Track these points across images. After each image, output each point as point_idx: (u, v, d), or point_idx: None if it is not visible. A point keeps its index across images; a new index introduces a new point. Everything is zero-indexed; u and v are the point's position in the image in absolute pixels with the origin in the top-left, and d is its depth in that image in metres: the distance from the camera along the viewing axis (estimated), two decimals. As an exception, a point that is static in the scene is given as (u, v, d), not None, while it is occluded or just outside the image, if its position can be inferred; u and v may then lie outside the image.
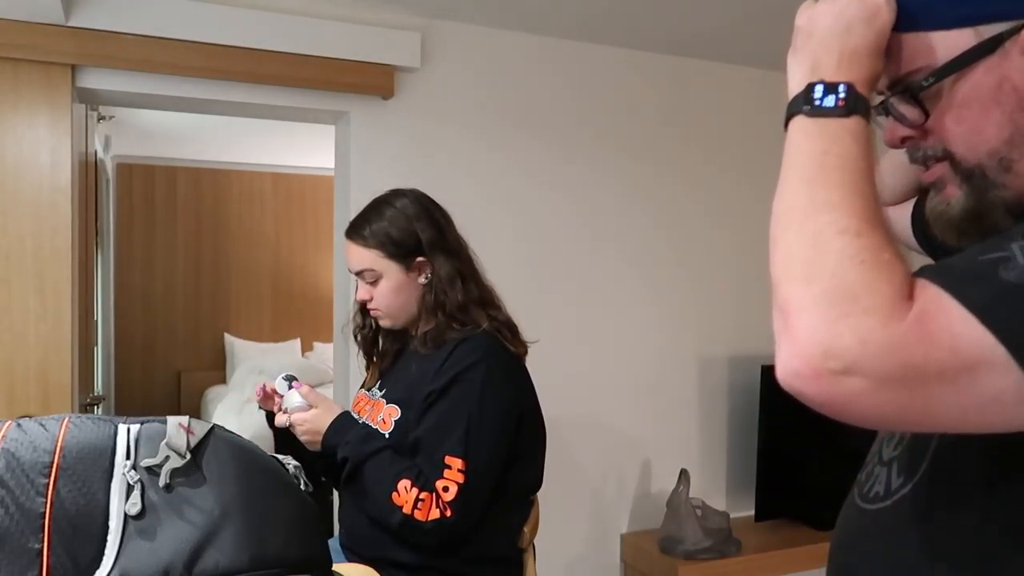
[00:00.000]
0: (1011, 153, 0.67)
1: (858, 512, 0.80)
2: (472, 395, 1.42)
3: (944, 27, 0.67)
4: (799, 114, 0.67)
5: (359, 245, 1.53)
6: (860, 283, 0.57)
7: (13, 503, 0.73)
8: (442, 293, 1.50)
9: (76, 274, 2.20)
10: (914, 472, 0.73)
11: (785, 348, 0.59)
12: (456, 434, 1.39)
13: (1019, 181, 0.67)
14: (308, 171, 5.61)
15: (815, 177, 0.63)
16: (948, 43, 0.67)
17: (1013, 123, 0.67)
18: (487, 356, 1.45)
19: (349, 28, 2.38)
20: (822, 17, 0.70)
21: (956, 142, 0.69)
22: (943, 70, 0.67)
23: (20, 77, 2.09)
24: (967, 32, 0.67)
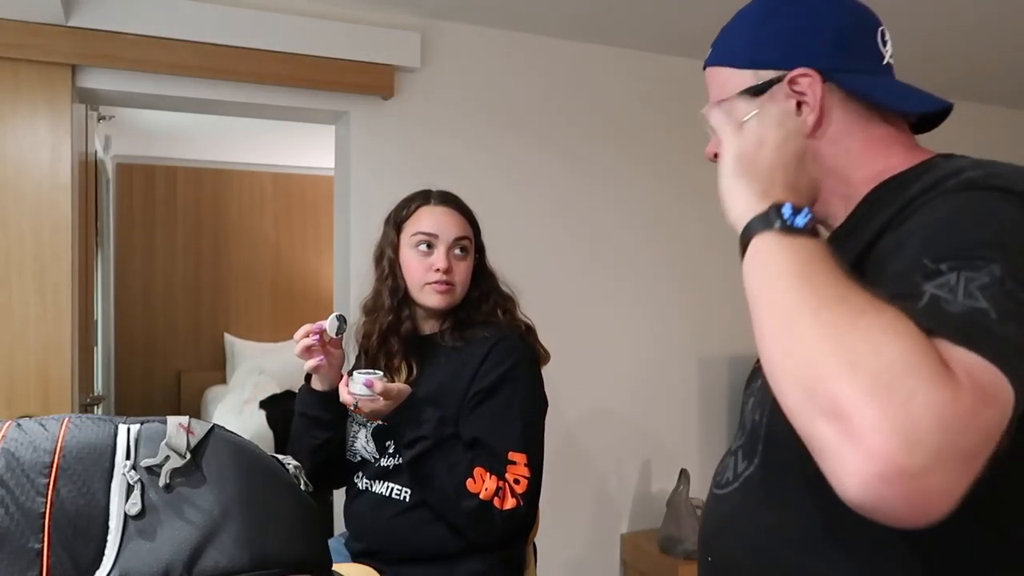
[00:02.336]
0: None
1: (713, 499, 0.90)
2: (524, 393, 1.47)
3: (737, 66, 0.87)
4: (768, 231, 0.69)
5: (463, 215, 1.57)
6: (908, 353, 0.54)
7: (13, 503, 0.73)
8: (487, 287, 1.59)
9: (76, 274, 2.20)
10: (754, 455, 0.84)
11: (853, 456, 0.52)
12: (516, 430, 1.43)
13: None
14: (308, 171, 5.61)
15: (807, 279, 0.63)
16: (738, 80, 0.87)
17: None
18: (527, 356, 1.52)
19: (349, 28, 2.38)
20: (765, 144, 0.75)
21: None
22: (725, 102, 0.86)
23: (20, 77, 2.09)
24: (750, 74, 0.86)
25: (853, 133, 0.84)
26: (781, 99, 0.83)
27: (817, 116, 0.82)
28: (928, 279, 0.61)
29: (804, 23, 0.84)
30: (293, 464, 0.88)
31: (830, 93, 0.83)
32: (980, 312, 0.58)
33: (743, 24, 0.89)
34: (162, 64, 2.18)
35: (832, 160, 0.84)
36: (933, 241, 0.65)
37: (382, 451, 1.52)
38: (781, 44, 0.84)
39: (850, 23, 0.85)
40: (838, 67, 0.83)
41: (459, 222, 1.55)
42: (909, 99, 0.84)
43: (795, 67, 0.83)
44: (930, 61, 2.99)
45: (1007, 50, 2.89)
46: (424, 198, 1.57)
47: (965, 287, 0.59)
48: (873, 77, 0.85)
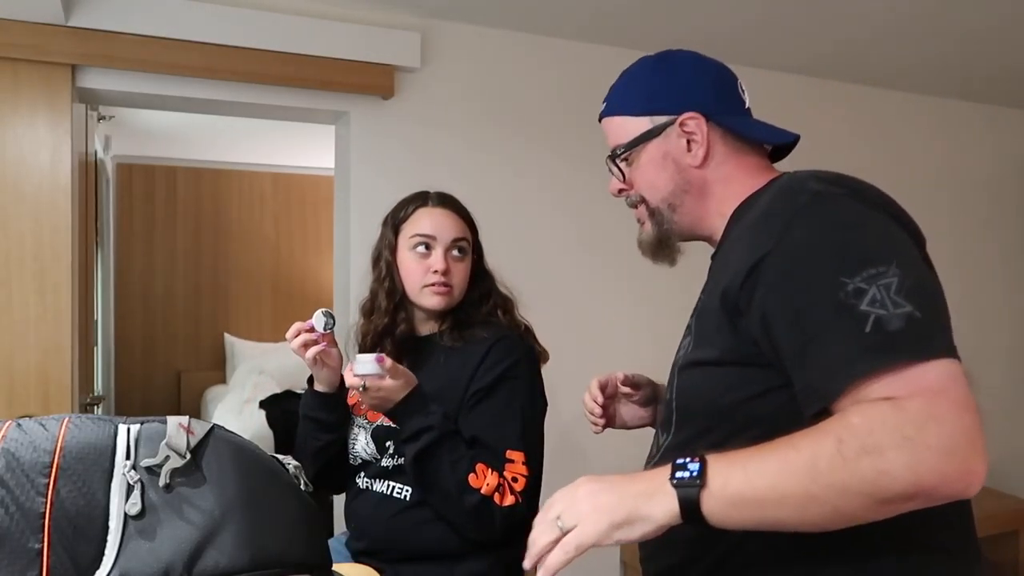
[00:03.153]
0: (675, 200, 1.06)
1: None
2: (523, 392, 1.47)
3: (633, 114, 1.07)
4: (700, 490, 0.77)
5: (460, 217, 1.56)
6: (877, 432, 0.71)
7: (13, 503, 0.73)
8: (486, 288, 1.59)
9: (76, 274, 2.19)
10: (670, 426, 0.99)
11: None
12: (514, 429, 1.43)
13: (684, 219, 1.07)
14: (308, 171, 5.60)
15: (771, 481, 0.74)
16: (636, 126, 1.06)
17: (674, 181, 1.06)
18: (526, 355, 1.51)
19: (349, 28, 2.38)
20: (589, 498, 0.86)
21: (644, 192, 1.09)
22: (628, 146, 1.07)
23: (20, 77, 2.09)
24: (647, 120, 1.06)
25: (729, 162, 1.04)
26: (674, 138, 1.04)
27: (705, 150, 1.03)
28: (859, 298, 0.76)
29: (688, 77, 1.05)
30: (293, 464, 0.88)
31: (712, 131, 1.03)
32: (911, 319, 0.75)
33: (633, 80, 1.09)
34: (162, 64, 2.18)
35: (715, 185, 1.04)
36: (832, 258, 0.80)
37: (382, 451, 1.52)
38: (670, 94, 1.05)
39: (721, 77, 1.07)
40: (718, 111, 1.04)
41: (457, 223, 1.55)
42: (769, 133, 1.06)
43: (684, 112, 1.03)
44: (946, 64, 2.99)
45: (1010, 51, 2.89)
46: (422, 199, 1.57)
47: (889, 297, 0.76)
48: (742, 117, 1.07)
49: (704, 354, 0.93)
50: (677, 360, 1.02)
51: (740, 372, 0.88)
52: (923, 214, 2.89)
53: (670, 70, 1.07)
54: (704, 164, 1.03)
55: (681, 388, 0.97)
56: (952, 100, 3.51)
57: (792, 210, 0.85)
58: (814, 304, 0.79)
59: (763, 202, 0.93)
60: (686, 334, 1.03)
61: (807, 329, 0.79)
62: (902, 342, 0.74)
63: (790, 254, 0.82)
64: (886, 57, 2.97)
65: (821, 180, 0.87)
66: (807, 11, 2.51)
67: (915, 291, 0.77)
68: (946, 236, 3.52)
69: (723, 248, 1.04)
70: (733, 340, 0.88)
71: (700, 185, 1.04)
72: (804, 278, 0.80)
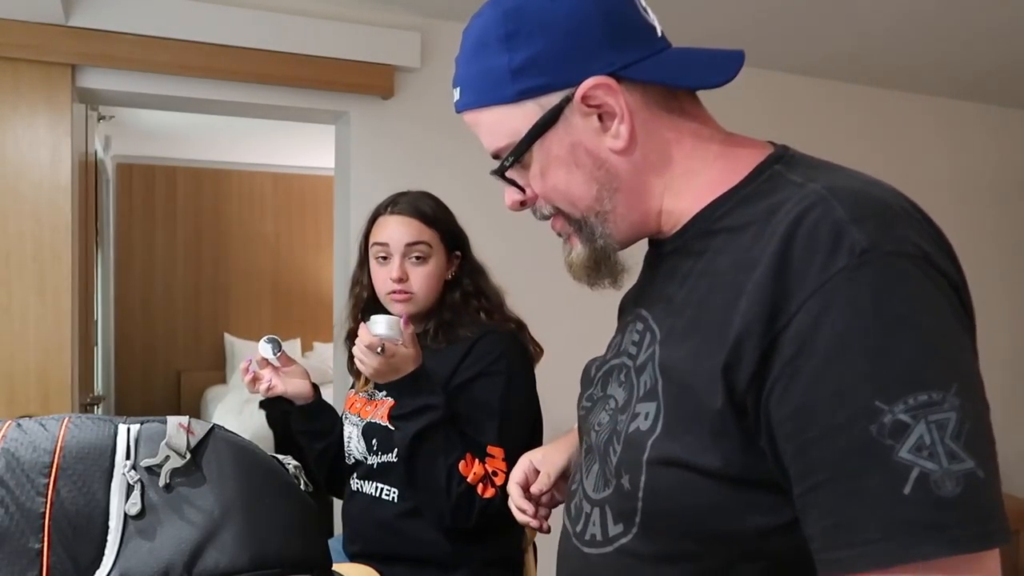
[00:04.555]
0: (604, 206, 0.75)
1: (579, 555, 0.79)
2: (503, 387, 1.45)
3: (508, 101, 0.73)
4: None
5: (419, 220, 1.52)
6: None
7: (13, 503, 0.73)
8: (471, 287, 1.57)
9: (76, 274, 2.19)
10: (631, 523, 0.72)
11: None
12: (493, 425, 1.42)
13: (622, 227, 0.76)
14: (308, 171, 5.61)
15: None
16: (519, 118, 0.73)
17: (595, 179, 0.74)
18: (511, 351, 1.49)
19: (349, 28, 2.38)
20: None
21: (558, 202, 0.77)
22: (518, 149, 0.74)
23: (20, 77, 2.09)
24: (531, 105, 0.72)
25: (664, 135, 0.74)
26: (578, 119, 0.72)
27: (628, 124, 0.71)
28: (897, 438, 0.55)
29: (562, 29, 0.70)
30: (293, 464, 0.87)
31: (629, 95, 0.71)
32: (972, 481, 0.54)
33: (485, 50, 0.73)
34: (162, 64, 2.18)
35: (650, 171, 0.74)
36: (870, 368, 0.56)
37: (369, 450, 1.52)
38: (549, 61, 0.70)
39: (607, 10, 0.71)
40: (625, 62, 0.71)
41: (414, 228, 1.51)
42: (715, 68, 0.73)
43: (580, 80, 0.70)
44: (948, 63, 3.00)
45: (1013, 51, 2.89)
46: (384, 207, 1.57)
47: (942, 442, 0.54)
48: (659, 57, 0.73)
49: (691, 454, 0.66)
50: (632, 430, 0.72)
51: (755, 495, 0.64)
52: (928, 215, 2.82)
53: (533, 22, 0.71)
54: (631, 146, 0.72)
55: (654, 490, 0.69)
56: (957, 101, 3.51)
57: (821, 277, 0.59)
58: (832, 433, 0.57)
59: (768, 221, 0.65)
60: (642, 396, 0.73)
61: (817, 468, 0.58)
62: (958, 521, 0.54)
63: (809, 351, 0.58)
64: (891, 58, 2.97)
65: (864, 223, 0.59)
66: (811, 11, 2.51)
67: (976, 434, 0.56)
68: (950, 236, 3.52)
69: (686, 268, 0.74)
70: (745, 455, 0.64)
71: (631, 177, 0.74)
72: (822, 392, 0.58)
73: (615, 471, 0.73)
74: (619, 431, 0.74)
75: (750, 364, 0.61)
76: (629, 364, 0.78)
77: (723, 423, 0.64)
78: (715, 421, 0.64)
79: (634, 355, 0.78)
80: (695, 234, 0.74)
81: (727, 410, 0.63)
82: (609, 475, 0.75)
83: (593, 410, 0.84)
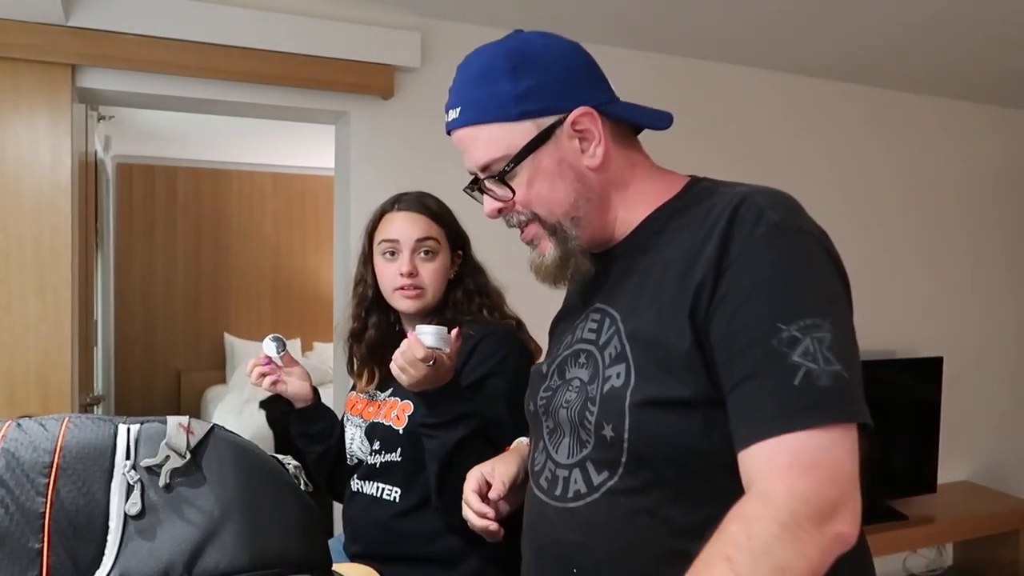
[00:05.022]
0: (578, 212, 0.93)
1: (561, 512, 0.93)
2: (510, 388, 1.44)
3: (510, 120, 0.91)
4: None
5: (427, 216, 1.54)
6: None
7: (13, 503, 0.73)
8: (472, 286, 1.57)
9: (76, 274, 2.19)
10: (616, 466, 0.88)
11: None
12: (507, 426, 1.41)
13: (588, 231, 0.95)
14: (308, 171, 5.61)
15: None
16: (517, 134, 0.91)
17: (575, 191, 0.93)
18: (515, 350, 1.50)
19: (349, 28, 2.38)
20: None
21: (538, 208, 0.94)
22: (516, 157, 0.91)
23: (20, 77, 2.09)
24: (529, 124, 0.91)
25: (623, 160, 0.96)
26: (565, 140, 0.91)
27: (604, 147, 0.92)
28: (792, 347, 0.77)
29: (560, 69, 0.92)
30: (293, 464, 0.88)
31: (604, 126, 0.92)
32: (839, 378, 0.77)
33: (489, 78, 0.92)
34: (162, 64, 2.18)
35: (614, 187, 0.95)
36: (776, 301, 0.80)
37: (372, 450, 1.52)
38: (547, 91, 0.91)
39: (588, 60, 0.95)
40: (604, 100, 0.93)
41: (422, 224, 1.53)
42: (657, 117, 0.96)
43: (571, 108, 0.90)
44: (910, 56, 2.99)
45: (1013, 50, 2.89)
46: (389, 205, 1.57)
47: (821, 352, 0.77)
48: (621, 103, 0.96)
49: (667, 391, 0.84)
50: (607, 390, 0.89)
51: (717, 413, 0.83)
52: (932, 214, 2.91)
53: (535, 62, 0.92)
54: (605, 165, 0.93)
55: (638, 431, 0.86)
56: (960, 102, 3.51)
57: (748, 240, 0.82)
58: (749, 346, 0.79)
59: (707, 217, 0.87)
60: (608, 363, 0.90)
61: (736, 372, 0.80)
62: (829, 403, 0.76)
63: (738, 289, 0.81)
64: (898, 60, 2.96)
65: (776, 209, 0.85)
66: (817, 13, 2.51)
67: (843, 349, 0.78)
68: (954, 236, 3.52)
69: (639, 262, 0.94)
70: (708, 381, 0.83)
71: (600, 190, 0.94)
72: (744, 317, 0.80)
73: (595, 427, 0.89)
74: (592, 396, 0.91)
75: (704, 306, 0.83)
76: (589, 348, 0.95)
77: (690, 359, 0.83)
78: (684, 359, 0.83)
79: (593, 340, 0.95)
80: (646, 235, 0.95)
81: (693, 348, 0.83)
82: (585, 436, 0.91)
83: (555, 395, 0.98)
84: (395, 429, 1.48)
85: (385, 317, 1.60)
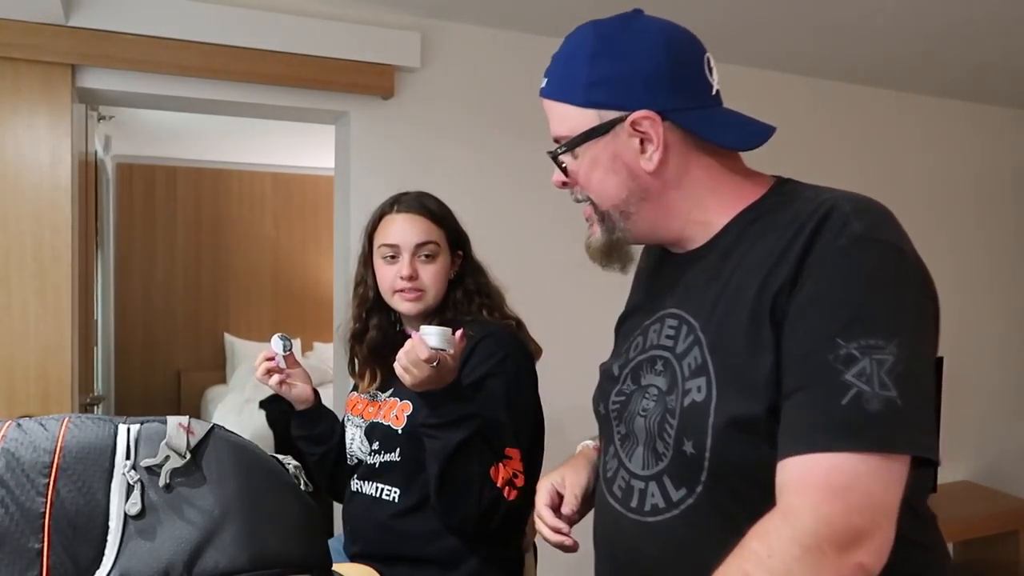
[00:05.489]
0: (629, 208, 0.93)
1: (639, 526, 0.92)
2: (511, 387, 1.45)
3: (578, 104, 0.92)
4: None
5: (426, 218, 1.53)
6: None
7: (13, 503, 0.73)
8: (472, 286, 1.57)
9: (76, 274, 2.19)
10: (695, 483, 0.86)
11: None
12: (507, 427, 1.42)
13: (641, 227, 0.95)
14: (308, 171, 5.61)
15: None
16: (581, 119, 0.92)
17: (627, 187, 0.92)
18: (515, 350, 1.49)
19: (349, 28, 2.38)
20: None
21: (591, 194, 0.95)
22: (571, 143, 0.93)
23: (20, 77, 2.09)
24: (593, 113, 0.91)
25: (696, 165, 0.92)
26: (624, 138, 0.90)
27: (661, 153, 0.89)
28: (847, 366, 0.75)
29: (638, 64, 0.89)
30: (293, 464, 0.88)
31: (670, 131, 0.89)
32: (892, 405, 0.74)
33: (574, 60, 0.93)
34: (162, 64, 2.18)
35: (678, 192, 0.92)
36: (840, 315, 0.77)
37: (371, 450, 1.52)
38: (618, 85, 0.89)
39: (680, 60, 0.90)
40: (675, 107, 0.89)
41: (422, 227, 1.52)
42: (737, 135, 0.92)
43: (635, 108, 0.88)
44: (931, 60, 2.99)
45: (1011, 49, 2.88)
46: (389, 206, 1.57)
47: (878, 375, 0.74)
48: (705, 111, 0.91)
49: (750, 409, 0.82)
50: (687, 404, 0.87)
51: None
52: (913, 213, 2.92)
53: (619, 53, 0.90)
54: (660, 170, 0.91)
55: (719, 449, 0.84)
56: (937, 98, 3.51)
57: (827, 250, 0.80)
58: (805, 357, 0.77)
59: (791, 224, 0.84)
60: (688, 375, 0.88)
61: (790, 382, 0.79)
62: (873, 429, 0.73)
63: (807, 299, 0.79)
64: (872, 55, 2.96)
65: (862, 219, 0.81)
66: (791, 8, 2.50)
67: (906, 377, 0.75)
68: (937, 235, 3.52)
69: (720, 267, 0.91)
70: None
71: (659, 192, 0.92)
72: (807, 328, 0.78)
73: (674, 442, 0.87)
74: (672, 409, 0.88)
75: (780, 316, 0.81)
76: (666, 355, 0.92)
77: (772, 373, 0.80)
78: (766, 373, 0.81)
79: (670, 347, 0.92)
80: (727, 240, 0.91)
81: (775, 361, 0.81)
82: (663, 449, 0.89)
83: (630, 401, 0.97)
84: (394, 429, 1.48)
85: (386, 318, 1.61)
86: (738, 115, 0.93)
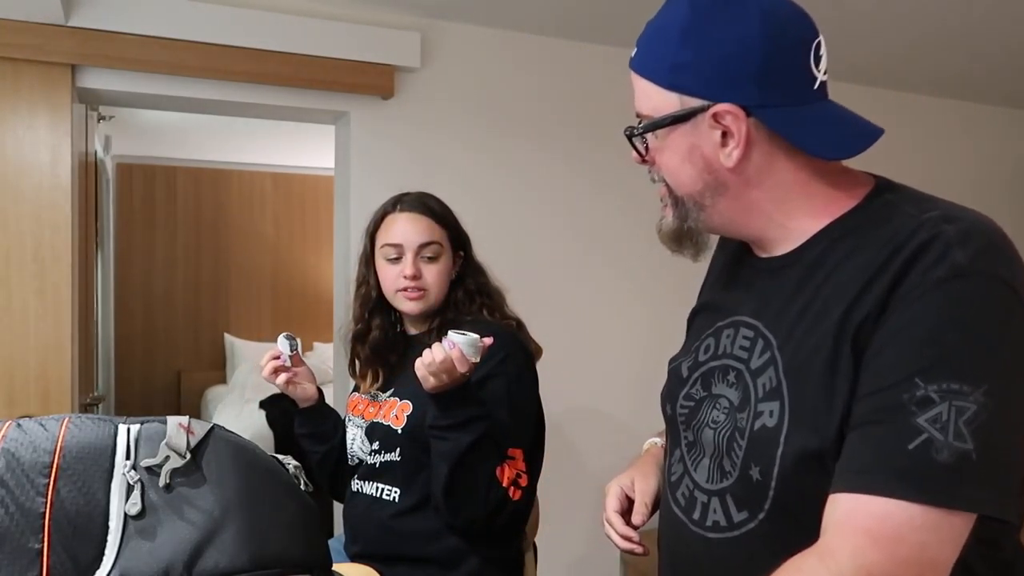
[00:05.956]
0: (703, 200, 0.87)
1: (701, 540, 0.89)
2: (513, 387, 1.45)
3: (662, 85, 0.84)
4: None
5: (429, 217, 1.54)
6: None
7: (13, 503, 0.73)
8: (473, 286, 1.57)
9: (76, 274, 2.20)
10: (758, 509, 0.82)
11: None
12: (510, 427, 1.42)
13: (717, 220, 0.89)
14: (308, 171, 5.60)
15: None
16: (662, 101, 0.85)
17: (703, 180, 0.86)
18: (516, 350, 1.49)
19: (349, 28, 2.38)
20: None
21: (666, 178, 0.90)
22: (648, 126, 0.87)
23: (20, 77, 2.09)
24: (675, 97, 0.83)
25: (783, 166, 0.84)
26: (705, 128, 0.83)
27: (742, 151, 0.82)
28: (922, 408, 0.69)
29: (730, 50, 0.80)
30: (293, 464, 0.88)
31: (755, 128, 0.82)
32: (965, 459, 0.67)
33: (666, 32, 0.85)
34: (162, 64, 2.18)
35: (763, 192, 0.85)
36: (924, 353, 0.71)
37: (372, 450, 1.52)
38: (705, 71, 0.81)
39: (780, 47, 0.81)
40: (763, 102, 0.80)
41: (425, 227, 1.53)
42: (827, 140, 0.82)
43: (719, 100, 0.80)
44: (927, 60, 2.99)
45: (1010, 49, 2.89)
46: (391, 206, 1.57)
47: (955, 423, 0.68)
48: (799, 109, 0.82)
49: (821, 442, 0.77)
50: (758, 427, 0.82)
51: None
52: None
53: (710, 32, 0.81)
54: (740, 167, 0.83)
55: (786, 480, 0.79)
56: (934, 98, 3.51)
57: (922, 280, 0.73)
58: (878, 391, 0.72)
59: (887, 243, 0.77)
60: (762, 396, 0.83)
61: (858, 415, 0.74)
62: (936, 481, 0.68)
63: (892, 330, 0.73)
64: (867, 53, 2.96)
65: (967, 247, 0.73)
66: (837, 19, 2.50)
67: (989, 430, 0.68)
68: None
69: (805, 281, 0.84)
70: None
71: (738, 189, 0.85)
72: (886, 361, 0.73)
73: (741, 464, 0.83)
74: (741, 428, 0.84)
75: (862, 346, 0.75)
76: (739, 367, 0.87)
77: (847, 407, 0.75)
78: (841, 407, 0.75)
79: (745, 359, 0.87)
80: (815, 251, 0.84)
81: (852, 393, 0.75)
82: (729, 467, 0.85)
83: (699, 408, 0.93)
84: (394, 429, 1.48)
85: (388, 318, 1.61)
86: (840, 113, 0.85)
